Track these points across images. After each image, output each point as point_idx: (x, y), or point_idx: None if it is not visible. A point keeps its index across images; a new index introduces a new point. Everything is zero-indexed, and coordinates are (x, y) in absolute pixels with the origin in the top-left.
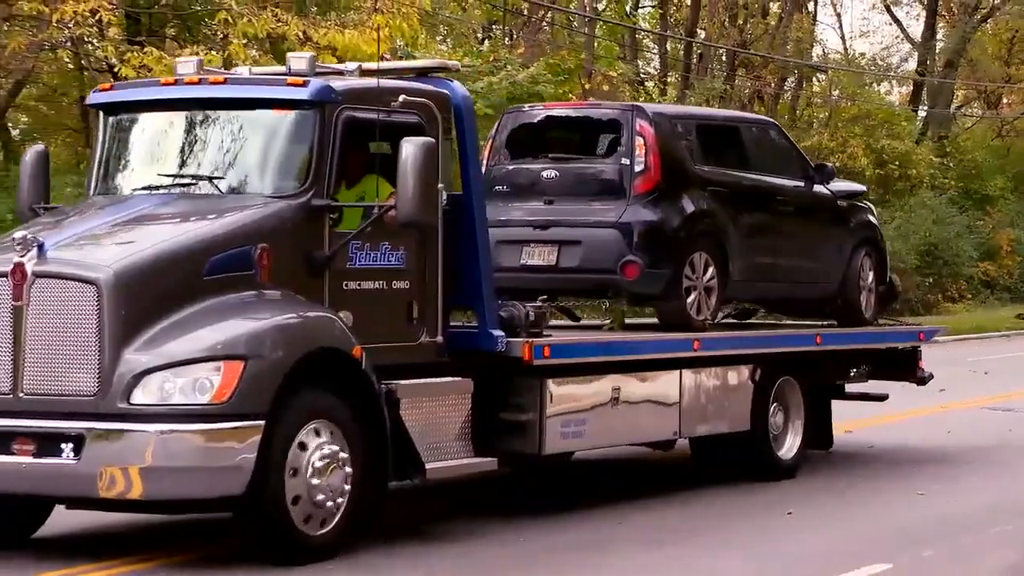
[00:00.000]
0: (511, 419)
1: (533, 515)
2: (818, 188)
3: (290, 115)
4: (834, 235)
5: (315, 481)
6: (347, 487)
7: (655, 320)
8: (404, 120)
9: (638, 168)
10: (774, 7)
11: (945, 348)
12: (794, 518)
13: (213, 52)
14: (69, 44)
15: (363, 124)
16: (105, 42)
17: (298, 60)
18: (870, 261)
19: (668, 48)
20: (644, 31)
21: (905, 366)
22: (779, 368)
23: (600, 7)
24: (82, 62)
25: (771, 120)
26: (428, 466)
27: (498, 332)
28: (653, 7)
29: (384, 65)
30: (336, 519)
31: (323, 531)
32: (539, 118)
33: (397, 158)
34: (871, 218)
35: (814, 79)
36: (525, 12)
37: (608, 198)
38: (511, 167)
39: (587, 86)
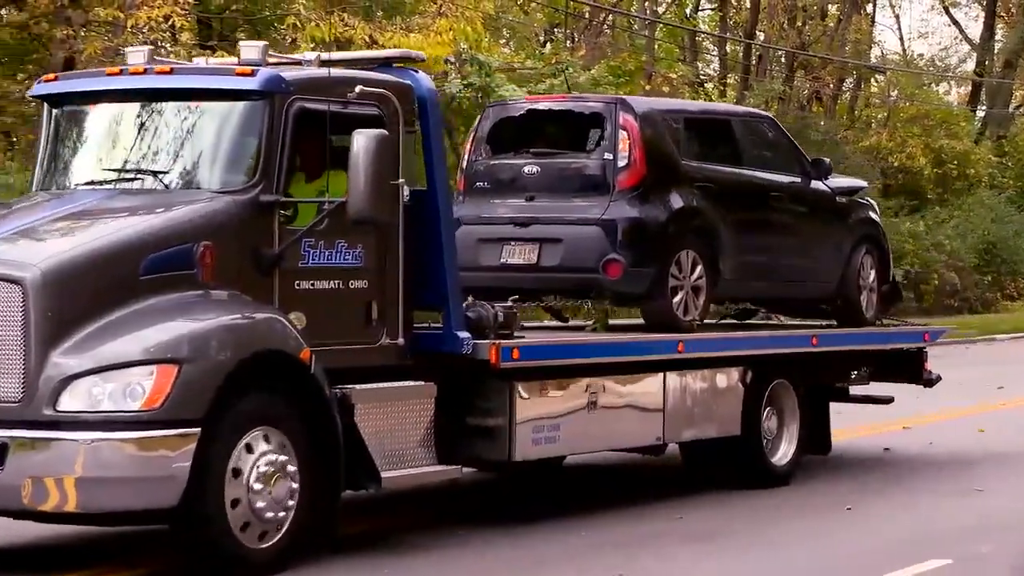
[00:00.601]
0: (480, 424)
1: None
2: (816, 184)
3: (238, 106)
4: (832, 232)
5: (258, 491)
6: (294, 497)
7: (642, 321)
8: (362, 112)
9: (621, 163)
10: (832, 9)
11: (1004, 346)
12: (845, 515)
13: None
14: (144, 46)
15: (317, 116)
16: (178, 47)
17: (249, 49)
18: (871, 259)
19: (728, 50)
20: (704, 33)
21: (910, 368)
22: (773, 370)
23: (660, 10)
24: None
25: (766, 114)
26: (384, 475)
27: (464, 334)
28: (713, 10)
29: (344, 55)
30: (282, 531)
31: (267, 544)
32: (521, 112)
33: (348, 151)
34: (872, 215)
35: (873, 80)
36: (587, 15)
37: (591, 194)
38: (492, 162)
39: (647, 88)
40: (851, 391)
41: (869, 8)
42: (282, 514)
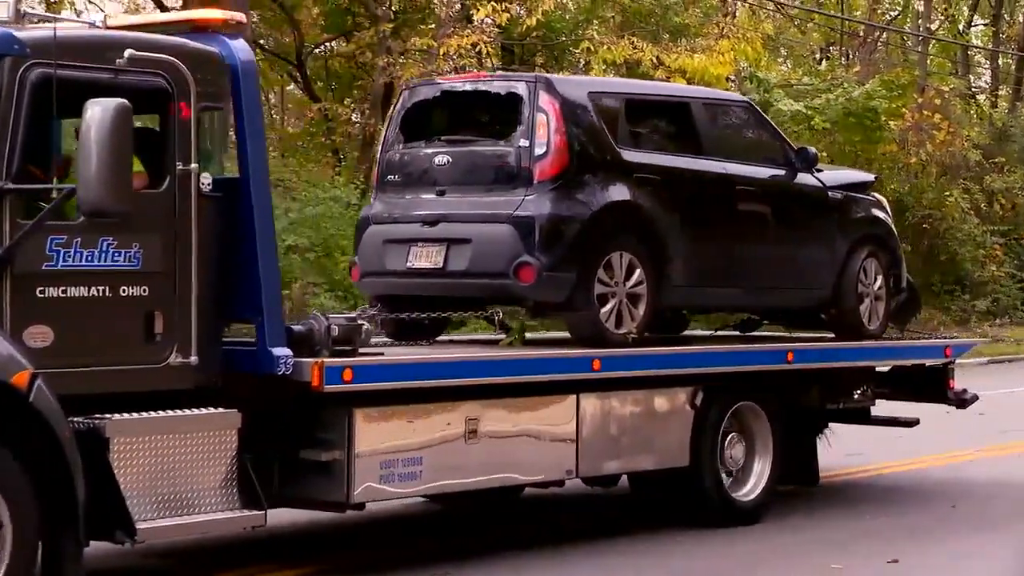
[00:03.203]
0: (313, 459)
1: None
2: (803, 177)
3: None
4: (823, 232)
5: None
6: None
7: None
8: (139, 82)
9: (539, 151)
10: None
11: None
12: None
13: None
14: (453, 73)
15: (74, 86)
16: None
17: None
18: (876, 263)
19: (1000, 63)
20: (976, 47)
21: (932, 386)
22: (735, 391)
23: (933, 27)
24: None
25: (740, 98)
26: (147, 524)
27: (282, 351)
28: (986, 25)
29: (141, 18)
30: None
31: None
32: (434, 94)
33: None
34: (877, 213)
35: None
36: (861, 33)
37: (506, 188)
38: (404, 153)
39: (919, 100)
40: (872, 413)
41: None
42: None
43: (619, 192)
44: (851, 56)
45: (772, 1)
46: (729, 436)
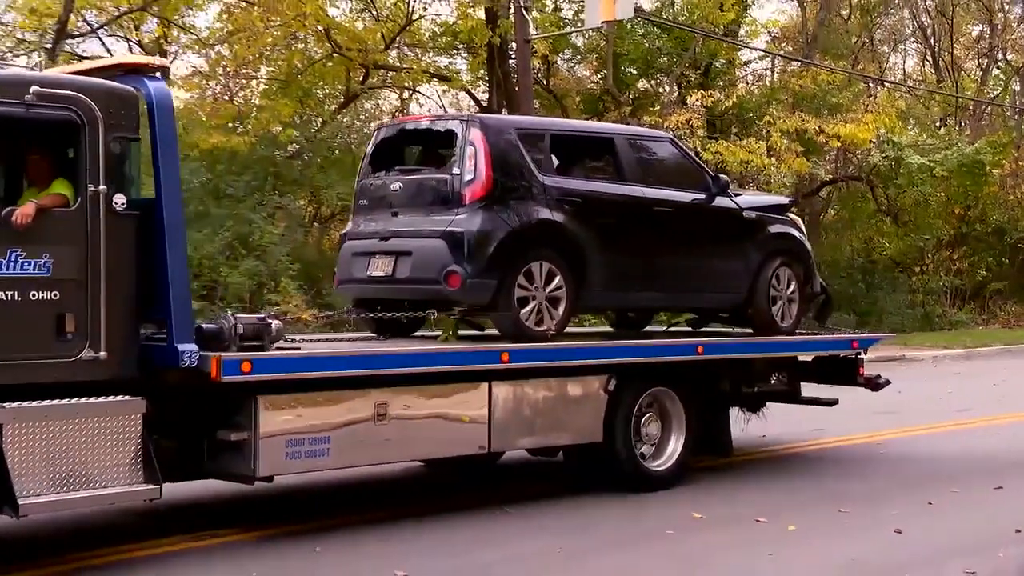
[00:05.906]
0: (225, 438)
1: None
2: (721, 201)
3: None
4: (736, 245)
5: None
6: None
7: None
8: (52, 115)
9: (468, 177)
10: None
11: None
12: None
13: (760, 142)
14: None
15: None
16: (694, 139)
17: None
18: (789, 271)
19: None
20: None
21: (844, 373)
22: (647, 378)
23: None
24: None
25: (664, 133)
26: (29, 501)
27: (187, 346)
28: None
29: (77, 65)
30: None
31: None
32: (394, 132)
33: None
34: (790, 230)
35: None
36: (971, 107)
37: (442, 208)
38: (371, 181)
39: (1016, 154)
40: (802, 393)
41: None
42: None
43: (538, 212)
44: (963, 123)
45: (904, 85)
46: (645, 416)
